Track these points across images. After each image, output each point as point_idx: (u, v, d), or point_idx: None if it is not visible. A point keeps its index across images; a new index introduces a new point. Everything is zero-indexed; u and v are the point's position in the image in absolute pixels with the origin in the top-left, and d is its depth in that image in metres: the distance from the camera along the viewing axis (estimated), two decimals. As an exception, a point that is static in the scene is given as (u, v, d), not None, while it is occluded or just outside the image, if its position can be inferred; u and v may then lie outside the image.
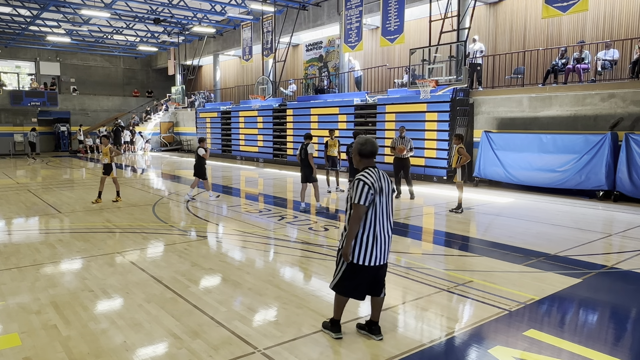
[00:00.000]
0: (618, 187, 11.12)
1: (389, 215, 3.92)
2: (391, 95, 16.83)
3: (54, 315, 4.54)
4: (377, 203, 3.79)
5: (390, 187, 3.94)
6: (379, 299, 4.10)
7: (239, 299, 4.99)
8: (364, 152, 3.89)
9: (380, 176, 3.86)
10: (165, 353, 3.82)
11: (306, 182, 10.19)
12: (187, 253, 6.78)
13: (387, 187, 3.90)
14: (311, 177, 10.10)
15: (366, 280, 3.96)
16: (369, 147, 3.88)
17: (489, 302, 4.85)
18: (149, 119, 33.26)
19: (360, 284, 3.96)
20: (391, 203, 3.96)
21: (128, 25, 29.08)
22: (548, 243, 7.28)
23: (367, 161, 3.91)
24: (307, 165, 10.03)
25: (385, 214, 3.88)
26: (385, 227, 3.89)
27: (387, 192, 3.89)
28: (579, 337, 4.15)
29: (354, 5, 18.48)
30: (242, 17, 25.44)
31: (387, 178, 3.96)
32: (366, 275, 3.91)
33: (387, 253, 3.96)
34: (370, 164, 3.92)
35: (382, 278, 4.07)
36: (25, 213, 10.05)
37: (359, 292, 4.01)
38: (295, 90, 23.96)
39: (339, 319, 4.10)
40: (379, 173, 3.88)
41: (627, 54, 13.66)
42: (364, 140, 3.93)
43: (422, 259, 6.57)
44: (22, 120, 29.07)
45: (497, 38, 17.39)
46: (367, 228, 3.81)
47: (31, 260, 6.44)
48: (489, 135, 13.54)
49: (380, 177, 3.86)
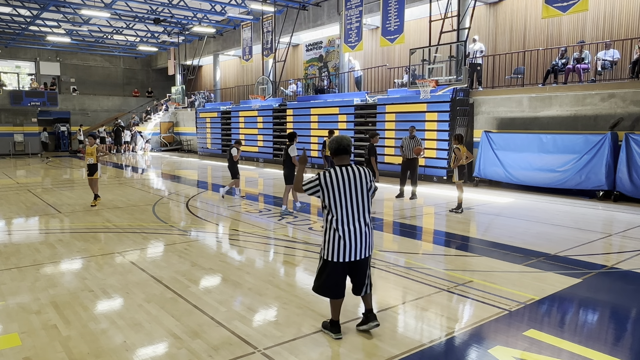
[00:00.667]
0: (618, 187, 11.12)
1: (361, 212, 3.93)
2: (391, 95, 16.83)
3: (54, 315, 4.54)
4: (336, 200, 3.88)
5: (363, 184, 3.94)
6: (365, 295, 4.14)
7: (239, 299, 4.99)
8: (332, 149, 4.06)
9: (346, 174, 3.91)
10: (165, 353, 3.82)
11: (289, 184, 9.75)
12: (187, 253, 6.78)
13: (355, 184, 3.90)
14: (292, 179, 9.65)
15: (337, 278, 3.98)
16: (334, 144, 4.02)
17: (489, 302, 4.85)
18: (149, 119, 33.25)
19: (330, 280, 3.99)
20: (366, 200, 3.96)
21: (128, 25, 29.08)
22: (548, 243, 7.28)
23: (339, 158, 4.03)
24: (289, 166, 9.67)
25: (355, 211, 3.90)
26: (356, 224, 3.90)
27: (354, 190, 3.90)
28: (579, 337, 4.15)
29: (354, 5, 18.47)
30: (242, 17, 25.44)
31: (360, 175, 3.95)
32: (336, 271, 3.96)
33: (362, 250, 3.93)
34: (341, 161, 4.02)
35: (359, 275, 4.05)
36: (25, 213, 10.05)
37: (331, 289, 4.03)
38: (295, 90, 23.95)
39: (337, 320, 4.10)
40: (345, 170, 3.92)
41: (627, 54, 13.66)
42: (333, 138, 4.11)
43: (422, 259, 6.57)
44: (22, 120, 29.05)
45: (497, 38, 17.39)
46: (332, 225, 3.92)
47: (31, 260, 6.44)
48: (489, 135, 13.54)
49: (347, 175, 3.90)
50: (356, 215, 3.91)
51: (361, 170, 3.98)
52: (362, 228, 3.93)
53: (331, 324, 4.11)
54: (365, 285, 4.11)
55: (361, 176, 3.94)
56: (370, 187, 4.00)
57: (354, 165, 4.00)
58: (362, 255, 3.96)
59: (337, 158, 4.04)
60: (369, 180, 4.00)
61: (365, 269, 4.07)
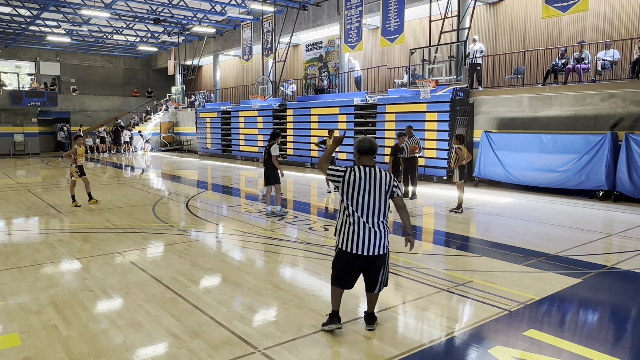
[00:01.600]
0: (618, 187, 11.12)
1: (376, 213, 4.00)
2: (391, 95, 16.83)
3: (54, 315, 4.54)
4: (354, 197, 3.97)
5: (382, 186, 4.02)
6: (371, 294, 4.21)
7: (239, 299, 4.99)
8: (360, 149, 4.11)
9: (367, 174, 3.98)
10: (165, 353, 3.82)
11: (268, 184, 9.52)
12: (187, 253, 6.78)
13: (373, 185, 3.98)
14: (272, 179, 9.41)
15: (349, 268, 4.07)
16: (366, 144, 4.09)
17: (489, 302, 4.85)
18: (149, 119, 33.25)
19: (342, 270, 4.10)
20: (383, 202, 4.02)
21: (128, 25, 29.07)
22: (548, 243, 7.28)
23: (364, 158, 4.09)
24: (270, 166, 9.37)
25: (370, 210, 3.98)
26: (371, 220, 3.98)
27: (372, 191, 3.98)
28: (579, 337, 4.15)
29: (354, 5, 18.47)
30: (242, 17, 25.44)
31: (380, 178, 4.02)
32: (348, 261, 4.03)
33: (375, 247, 3.98)
34: (365, 162, 4.09)
35: (373, 272, 4.11)
36: (25, 213, 10.05)
37: (341, 279, 4.14)
38: (295, 90, 23.95)
39: (336, 310, 4.17)
40: (368, 170, 4.01)
41: (627, 54, 13.66)
42: (362, 138, 4.16)
43: (422, 259, 6.57)
44: (22, 120, 29.04)
45: (497, 38, 17.38)
46: (346, 216, 4.03)
47: (31, 260, 6.43)
48: (489, 135, 13.54)
49: (368, 175, 3.99)
50: (371, 214, 3.99)
51: (383, 174, 4.05)
52: (376, 227, 4.00)
53: (331, 314, 4.17)
54: (379, 283, 4.17)
55: (381, 179, 4.02)
56: (388, 190, 4.05)
57: (376, 168, 4.08)
58: (374, 252, 3.99)
59: (362, 158, 4.11)
60: (389, 184, 4.04)
61: (379, 267, 4.11)
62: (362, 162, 4.10)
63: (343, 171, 4.04)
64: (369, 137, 4.20)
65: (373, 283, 4.16)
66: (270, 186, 9.59)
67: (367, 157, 4.11)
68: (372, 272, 4.11)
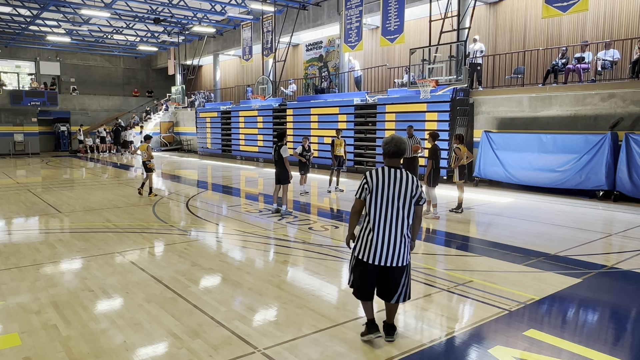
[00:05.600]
0: (618, 187, 11.12)
1: (400, 219, 3.78)
2: (391, 95, 16.83)
3: (54, 315, 4.54)
4: (376, 201, 3.77)
5: (408, 190, 3.78)
6: (389, 304, 4.00)
7: (239, 299, 4.99)
8: (385, 152, 3.91)
9: (394, 177, 3.78)
10: (165, 353, 3.82)
11: (279, 183, 9.70)
12: (187, 253, 6.78)
13: (396, 188, 3.76)
14: (283, 179, 9.55)
15: (367, 278, 3.89)
16: (392, 147, 3.86)
17: (489, 302, 4.85)
18: (149, 119, 33.24)
19: (360, 279, 3.92)
20: (407, 207, 3.79)
21: (128, 25, 29.07)
22: (548, 243, 7.28)
23: (389, 160, 3.90)
24: (281, 166, 9.54)
25: (394, 215, 3.77)
26: (392, 228, 3.76)
27: (393, 193, 3.76)
28: (579, 337, 4.15)
29: (354, 5, 18.47)
30: (242, 17, 25.43)
31: (407, 181, 3.79)
32: (366, 271, 3.86)
33: (393, 258, 3.79)
34: (391, 163, 3.88)
35: (390, 282, 3.89)
36: (25, 213, 10.05)
37: (360, 290, 3.96)
38: (295, 90, 23.95)
39: (372, 318, 3.99)
40: (393, 173, 3.80)
41: (627, 54, 13.66)
42: (389, 139, 3.91)
43: (422, 258, 6.56)
44: (22, 120, 29.04)
45: (497, 38, 17.38)
46: (367, 224, 3.85)
47: (31, 260, 6.43)
48: (489, 135, 13.54)
49: (390, 176, 3.78)
50: (394, 220, 3.77)
51: (409, 177, 3.80)
52: (397, 235, 3.78)
53: (367, 324, 4.00)
54: (398, 294, 3.92)
55: (407, 182, 3.78)
56: (415, 195, 3.81)
57: (402, 170, 3.84)
58: (392, 263, 3.79)
59: (389, 160, 3.89)
60: (416, 189, 3.81)
61: (398, 278, 3.88)
62: (389, 163, 3.88)
63: (365, 177, 3.82)
64: (397, 138, 3.89)
65: (390, 293, 3.92)
66: (279, 185, 9.71)
67: (395, 159, 3.87)
68: (388, 282, 3.89)
